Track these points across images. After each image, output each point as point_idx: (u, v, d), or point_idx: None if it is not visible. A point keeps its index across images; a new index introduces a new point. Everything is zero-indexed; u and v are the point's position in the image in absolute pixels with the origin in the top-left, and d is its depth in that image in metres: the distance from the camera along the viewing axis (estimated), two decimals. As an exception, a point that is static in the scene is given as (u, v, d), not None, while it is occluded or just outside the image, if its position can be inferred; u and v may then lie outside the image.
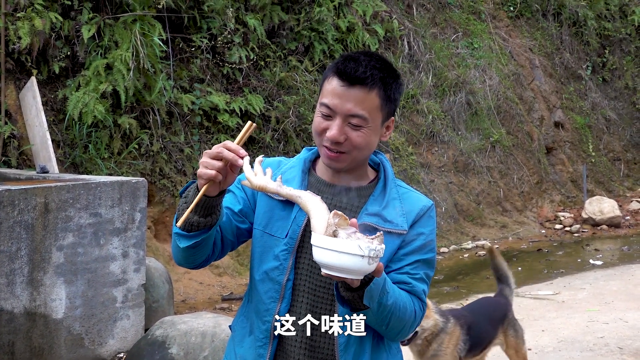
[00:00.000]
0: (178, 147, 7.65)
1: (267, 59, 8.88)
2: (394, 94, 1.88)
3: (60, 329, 4.67)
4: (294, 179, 1.93)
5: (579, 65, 13.64)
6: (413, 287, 1.88)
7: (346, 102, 1.81)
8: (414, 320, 1.88)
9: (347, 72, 1.80)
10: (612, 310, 6.36)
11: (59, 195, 4.66)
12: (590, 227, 10.88)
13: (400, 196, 1.94)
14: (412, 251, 1.90)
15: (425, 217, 1.93)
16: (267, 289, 1.90)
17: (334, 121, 1.82)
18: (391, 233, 1.86)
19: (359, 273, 1.60)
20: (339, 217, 1.61)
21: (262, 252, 1.93)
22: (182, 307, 6.39)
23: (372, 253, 1.56)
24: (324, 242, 1.58)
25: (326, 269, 1.60)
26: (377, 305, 1.75)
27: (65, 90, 6.95)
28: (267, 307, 1.90)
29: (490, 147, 11.14)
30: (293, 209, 1.89)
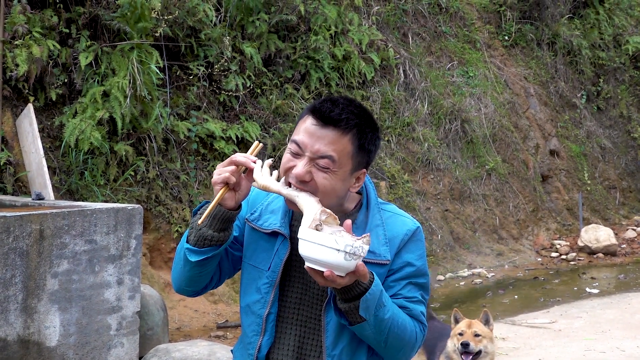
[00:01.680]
0: (174, 174, 7.67)
1: (263, 87, 8.95)
2: (369, 145, 1.84)
3: (54, 356, 4.64)
4: (278, 209, 1.93)
5: (573, 94, 13.75)
6: (411, 311, 1.86)
7: (316, 142, 1.78)
8: (415, 341, 1.86)
9: (322, 111, 1.79)
10: (609, 339, 6.35)
11: (55, 222, 4.66)
12: (586, 255, 10.88)
13: (383, 222, 1.90)
14: (402, 277, 1.87)
15: (410, 242, 1.89)
16: (249, 322, 1.91)
17: (301, 160, 1.79)
18: (373, 264, 1.83)
19: (337, 268, 1.62)
20: (328, 215, 1.66)
21: (247, 283, 1.93)
22: (177, 335, 6.36)
23: (347, 248, 1.59)
24: (305, 234, 1.63)
25: (307, 261, 1.64)
26: (373, 318, 1.74)
27: (62, 117, 6.98)
28: (249, 340, 1.91)
29: (486, 175, 11.18)
30: (276, 241, 1.89)
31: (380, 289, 1.75)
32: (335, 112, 1.79)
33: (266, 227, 1.91)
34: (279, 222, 1.90)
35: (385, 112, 10.46)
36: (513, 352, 5.99)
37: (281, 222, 1.90)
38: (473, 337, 3.97)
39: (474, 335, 3.98)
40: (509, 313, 7.44)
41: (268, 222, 1.91)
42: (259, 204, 1.96)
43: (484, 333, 4.04)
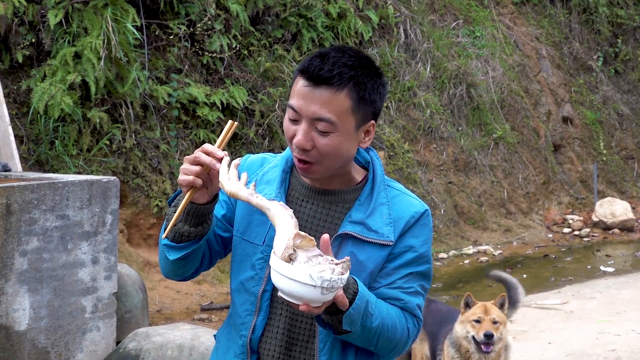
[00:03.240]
0: (153, 144, 7.64)
1: (250, 48, 8.88)
2: (370, 95, 1.83)
3: (24, 341, 4.65)
4: (274, 179, 1.92)
5: (589, 56, 13.72)
6: (406, 304, 1.87)
7: (311, 104, 1.77)
8: (407, 338, 1.88)
9: (311, 70, 1.76)
10: (624, 321, 6.40)
11: (23, 195, 4.64)
12: (600, 231, 10.95)
13: (389, 200, 1.90)
14: (402, 265, 1.88)
15: (417, 226, 1.90)
16: (242, 301, 1.91)
17: (300, 125, 1.79)
18: (376, 244, 1.85)
19: (313, 302, 1.61)
20: (302, 238, 1.61)
21: (240, 260, 1.93)
22: (158, 318, 6.39)
23: (325, 284, 1.57)
24: (277, 265, 1.60)
25: (280, 292, 1.62)
26: (360, 328, 1.76)
27: (30, 81, 6.93)
28: (242, 320, 1.91)
29: (493, 144, 11.18)
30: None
31: (365, 300, 1.75)
32: (325, 68, 1.76)
33: None
34: (274, 192, 1.89)
35: (384, 76, 10.41)
36: (521, 336, 6.05)
37: (277, 192, 1.89)
38: (492, 325, 3.98)
39: (492, 323, 3.99)
40: (517, 293, 7.50)
41: (263, 193, 1.88)
42: (254, 174, 1.95)
43: (500, 319, 4.05)
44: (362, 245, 1.85)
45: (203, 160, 1.73)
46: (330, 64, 1.77)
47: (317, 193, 1.91)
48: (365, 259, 1.85)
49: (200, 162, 1.74)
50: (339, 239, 1.85)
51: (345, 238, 1.85)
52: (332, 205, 1.90)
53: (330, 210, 1.90)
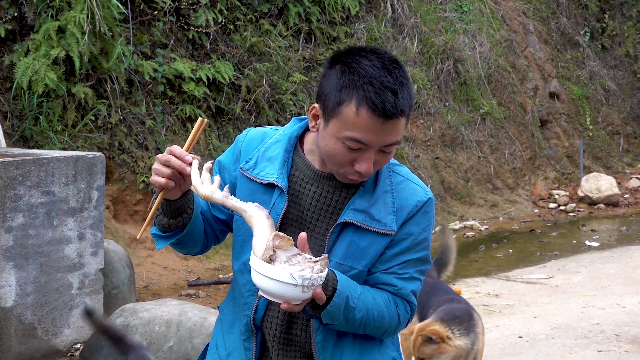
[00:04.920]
0: (139, 119, 7.60)
1: (236, 23, 8.82)
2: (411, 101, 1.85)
3: (10, 318, 4.65)
4: (276, 157, 1.91)
5: (576, 31, 13.72)
6: (399, 290, 1.89)
7: (384, 137, 1.75)
8: (398, 324, 1.91)
9: (388, 109, 1.72)
10: (608, 295, 6.47)
11: (7, 171, 4.62)
12: (586, 206, 11.02)
13: (393, 188, 1.90)
14: (401, 251, 1.89)
15: (419, 214, 1.91)
16: (245, 282, 1.92)
17: (365, 153, 1.77)
18: (377, 233, 1.86)
19: (293, 300, 1.65)
20: (281, 238, 1.63)
21: (243, 241, 1.93)
22: (145, 294, 6.39)
23: (306, 282, 1.61)
24: (258, 266, 1.63)
25: (261, 291, 1.66)
26: (343, 321, 1.79)
27: (13, 56, 6.86)
28: (245, 300, 1.93)
29: (480, 120, 11.20)
30: (273, 194, 1.89)
31: (344, 296, 1.76)
32: (400, 103, 1.74)
33: (262, 177, 1.89)
34: (276, 172, 1.88)
35: (370, 51, 10.38)
36: (507, 310, 6.10)
37: (278, 173, 1.88)
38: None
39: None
40: (503, 268, 7.54)
41: (265, 172, 1.90)
42: (255, 149, 1.94)
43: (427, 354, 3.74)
44: (364, 233, 1.86)
45: (173, 164, 1.74)
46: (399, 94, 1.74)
47: (323, 177, 1.90)
48: (366, 246, 1.87)
49: (171, 166, 1.75)
50: (341, 226, 1.86)
51: (347, 225, 1.86)
52: (336, 190, 1.89)
53: (335, 195, 1.89)
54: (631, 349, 5.17)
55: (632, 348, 5.19)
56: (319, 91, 1.81)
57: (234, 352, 1.98)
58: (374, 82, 1.72)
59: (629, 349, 5.18)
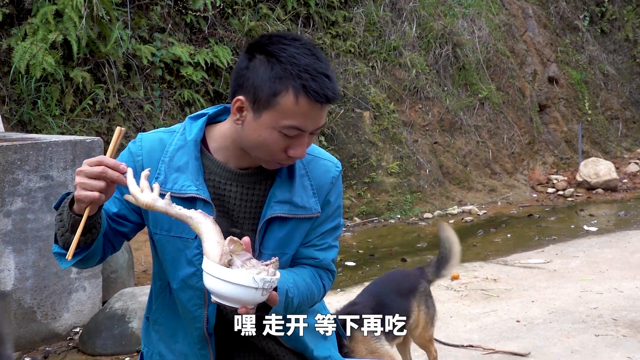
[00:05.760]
0: (137, 104, 7.59)
1: (235, 6, 8.79)
2: None
3: (10, 302, 4.66)
4: (186, 166, 1.85)
5: (575, 16, 13.68)
6: (320, 262, 1.97)
7: (319, 120, 1.79)
8: (324, 292, 2.00)
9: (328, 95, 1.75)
10: (606, 280, 6.48)
11: (5, 156, 4.61)
12: (584, 191, 11.03)
13: (306, 169, 1.93)
14: (320, 222, 1.96)
15: (333, 188, 1.97)
16: (189, 297, 1.91)
17: (300, 139, 1.78)
18: (303, 219, 1.91)
19: (250, 303, 1.66)
20: (234, 243, 1.63)
21: (174, 257, 1.90)
22: (144, 278, 6.40)
23: (266, 285, 1.63)
24: (217, 271, 1.61)
25: (216, 297, 1.64)
26: (283, 310, 1.84)
27: (10, 40, 6.83)
28: (193, 314, 1.93)
29: (479, 105, 11.19)
30: (196, 206, 1.83)
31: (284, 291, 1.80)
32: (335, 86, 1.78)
33: (178, 190, 1.84)
34: (193, 184, 1.84)
35: (369, 35, 10.35)
36: (505, 294, 6.12)
37: (197, 185, 1.85)
38: None
39: None
40: (501, 253, 7.56)
41: (179, 185, 1.84)
42: (159, 162, 1.87)
43: None
44: (290, 221, 1.89)
45: (110, 175, 1.66)
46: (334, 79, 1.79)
47: (238, 175, 1.89)
48: (295, 232, 1.91)
49: (106, 178, 1.66)
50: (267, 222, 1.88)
51: (273, 219, 1.88)
52: (255, 185, 1.90)
53: (255, 190, 1.90)
54: (629, 333, 5.19)
55: (630, 332, 5.21)
56: (244, 83, 1.76)
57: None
58: (309, 69, 1.72)
59: (626, 333, 5.21)
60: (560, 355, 4.80)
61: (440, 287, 6.30)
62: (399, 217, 9.17)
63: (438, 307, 5.71)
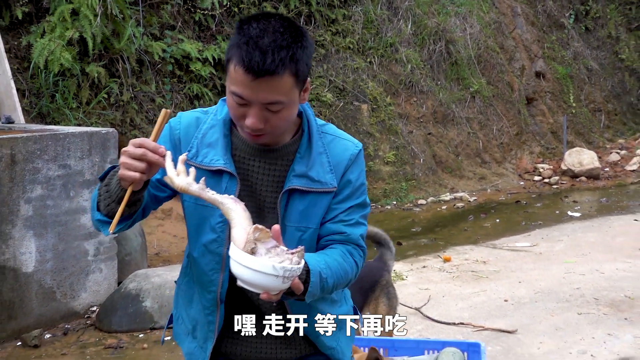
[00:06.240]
0: (149, 97, 7.58)
1: (240, 5, 8.76)
2: (305, 63, 1.78)
3: (31, 282, 4.67)
4: (216, 142, 1.89)
5: (561, 14, 13.63)
6: (349, 236, 1.92)
7: (259, 93, 1.72)
8: (357, 270, 1.94)
9: (253, 67, 1.69)
10: (589, 262, 6.50)
11: (26, 146, 4.62)
12: (569, 179, 11.03)
13: (326, 148, 1.92)
14: (343, 199, 1.92)
15: (353, 165, 1.94)
16: (207, 261, 1.92)
17: (250, 109, 1.75)
18: (321, 193, 1.88)
19: (273, 290, 1.63)
20: (260, 231, 1.61)
21: (199, 224, 1.92)
22: (156, 260, 6.41)
23: (287, 273, 1.60)
24: (241, 258, 1.60)
25: (241, 282, 1.63)
26: (320, 292, 1.81)
27: (30, 37, 6.82)
28: (210, 278, 1.93)
29: (470, 98, 11.17)
30: (222, 179, 1.87)
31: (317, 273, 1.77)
32: (267, 62, 1.69)
33: (208, 163, 1.87)
34: (221, 158, 1.87)
35: (367, 32, 10.33)
36: (493, 275, 6.13)
37: (225, 159, 1.87)
38: None
39: None
40: (490, 237, 7.57)
41: (209, 158, 1.88)
42: (193, 137, 1.91)
43: None
44: (309, 195, 1.88)
45: (150, 158, 1.66)
46: (269, 53, 1.69)
47: (262, 151, 1.90)
48: (314, 206, 1.89)
49: (147, 160, 1.67)
50: (287, 193, 1.87)
51: (292, 191, 1.87)
52: (277, 161, 1.90)
53: (277, 165, 1.90)
54: (609, 312, 5.21)
55: (610, 311, 5.23)
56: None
57: (197, 326, 2.00)
58: (250, 42, 1.70)
59: (607, 311, 5.22)
60: (545, 332, 4.81)
61: (434, 269, 6.31)
62: (394, 203, 9.17)
63: (431, 288, 5.76)
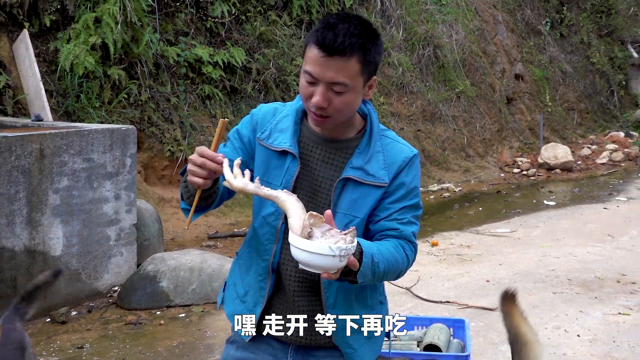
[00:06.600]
0: (165, 97, 7.58)
1: (248, 14, 8.75)
2: (374, 57, 1.83)
3: (59, 265, 4.68)
4: (287, 129, 1.94)
5: (538, 21, 13.61)
6: (401, 232, 1.91)
7: (327, 71, 1.77)
8: (408, 263, 1.93)
9: (326, 44, 1.75)
10: (562, 246, 6.51)
11: (54, 141, 4.63)
12: (545, 171, 11.04)
13: (383, 148, 1.94)
14: (396, 200, 1.92)
15: (407, 168, 1.94)
16: (264, 232, 1.95)
17: (317, 87, 1.79)
18: (373, 186, 1.89)
19: (331, 269, 1.64)
20: (314, 217, 1.62)
21: (261, 200, 1.95)
22: (172, 245, 6.43)
23: (342, 252, 1.60)
24: (299, 243, 1.60)
25: (302, 265, 1.64)
26: (371, 275, 1.79)
27: (57, 43, 6.81)
28: (265, 247, 1.96)
29: (456, 98, 11.16)
30: (286, 159, 1.91)
31: (370, 254, 1.77)
32: (338, 41, 1.75)
33: (276, 145, 1.93)
34: (288, 141, 1.92)
35: (362, 38, 10.30)
36: (477, 258, 6.15)
37: (291, 142, 1.92)
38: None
39: None
40: (473, 223, 7.58)
41: (278, 141, 1.93)
42: (268, 122, 1.98)
43: None
44: (362, 186, 1.89)
45: (209, 166, 1.75)
46: (341, 35, 1.75)
47: (325, 140, 1.93)
48: (364, 197, 1.89)
49: (206, 167, 1.75)
50: (343, 182, 1.89)
51: (347, 181, 1.89)
52: (337, 152, 1.92)
53: (336, 155, 1.92)
54: (581, 291, 5.23)
55: (582, 290, 5.25)
56: None
57: (250, 291, 2.02)
58: (327, 26, 1.77)
59: (579, 291, 5.24)
60: (523, 310, 4.83)
61: (422, 253, 6.33)
62: (387, 193, 9.18)
63: (420, 269, 5.77)
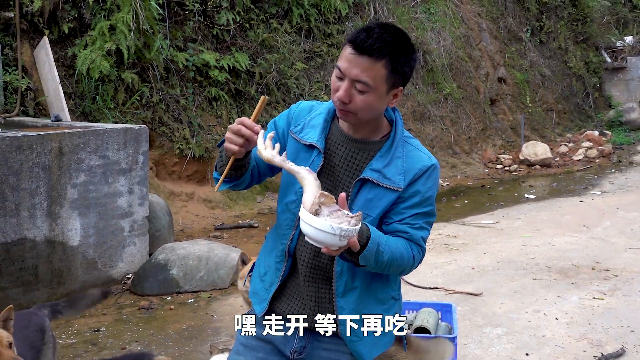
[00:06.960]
0: (175, 99, 7.54)
1: (251, 22, 8.70)
2: (402, 67, 1.80)
3: (77, 254, 4.67)
4: (318, 125, 1.92)
5: (520, 29, 13.57)
6: (411, 236, 1.88)
7: (353, 68, 1.75)
8: (413, 262, 1.90)
9: (357, 42, 1.74)
10: (542, 236, 6.50)
11: (72, 140, 4.60)
12: (526, 167, 11.02)
13: (404, 155, 1.90)
14: (410, 206, 1.88)
15: (423, 177, 1.90)
16: (285, 218, 1.94)
17: (343, 83, 1.78)
18: (388, 189, 1.85)
19: (331, 246, 1.64)
20: (325, 197, 1.62)
21: (286, 186, 1.94)
22: (181, 236, 6.42)
23: (342, 233, 1.60)
24: (306, 217, 1.62)
25: (307, 237, 1.65)
26: (374, 262, 1.77)
27: (74, 48, 6.77)
28: (284, 232, 1.95)
29: (443, 99, 11.13)
30: (313, 153, 1.90)
31: (376, 242, 1.74)
32: (368, 42, 1.73)
33: (305, 139, 1.91)
34: (316, 137, 1.90)
35: (357, 45, 10.26)
36: (463, 247, 6.14)
37: (318, 137, 1.90)
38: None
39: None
40: (460, 215, 7.57)
41: (308, 135, 1.92)
42: (303, 118, 1.97)
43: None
44: (378, 188, 1.86)
45: (244, 133, 1.75)
46: (373, 38, 1.73)
47: (351, 140, 1.90)
48: (379, 199, 1.87)
49: (242, 135, 1.75)
50: (361, 181, 1.86)
51: (365, 181, 1.86)
52: (360, 152, 1.89)
53: (359, 155, 1.89)
54: (559, 278, 5.21)
55: (559, 277, 5.24)
56: None
57: (269, 272, 2.00)
58: (365, 28, 1.77)
59: (557, 277, 5.23)
60: (505, 295, 4.82)
61: (413, 242, 6.31)
62: (380, 187, 9.15)
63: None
